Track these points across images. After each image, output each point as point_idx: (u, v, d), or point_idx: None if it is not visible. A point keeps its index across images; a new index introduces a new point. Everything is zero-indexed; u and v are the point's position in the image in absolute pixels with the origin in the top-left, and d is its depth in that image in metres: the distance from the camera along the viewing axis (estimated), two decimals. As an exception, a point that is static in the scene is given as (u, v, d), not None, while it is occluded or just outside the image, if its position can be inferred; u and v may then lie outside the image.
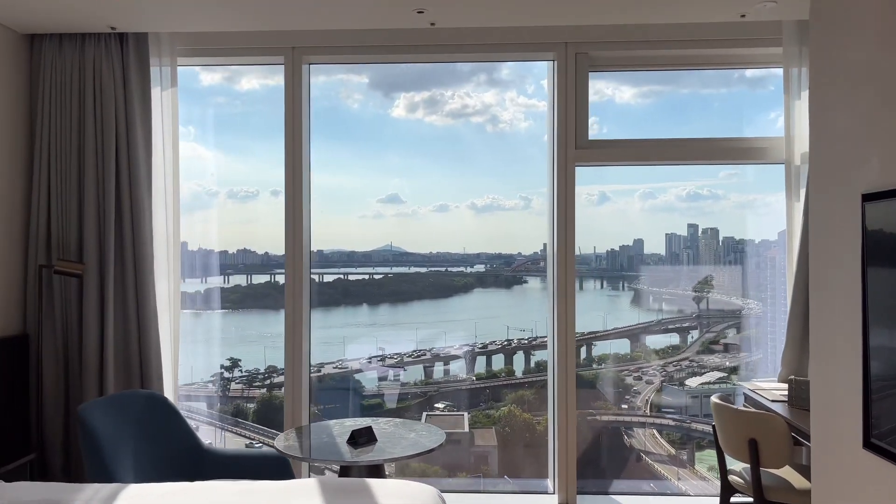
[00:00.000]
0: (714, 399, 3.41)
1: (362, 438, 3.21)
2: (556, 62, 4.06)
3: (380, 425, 3.56)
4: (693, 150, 4.08)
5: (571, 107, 4.00)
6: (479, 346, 5.44)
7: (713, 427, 3.46)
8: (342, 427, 3.53)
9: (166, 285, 4.00)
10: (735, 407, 3.32)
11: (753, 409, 3.41)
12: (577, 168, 4.16)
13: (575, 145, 4.04)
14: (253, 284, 11.77)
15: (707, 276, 4.99)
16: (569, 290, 4.09)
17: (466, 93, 5.12)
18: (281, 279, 12.14)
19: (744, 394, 3.79)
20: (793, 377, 3.36)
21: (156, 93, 3.92)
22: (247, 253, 12.99)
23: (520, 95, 5.01)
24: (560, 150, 4.04)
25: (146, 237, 3.85)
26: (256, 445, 6.74)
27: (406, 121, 5.74)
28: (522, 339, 5.20)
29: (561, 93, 4.01)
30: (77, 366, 3.82)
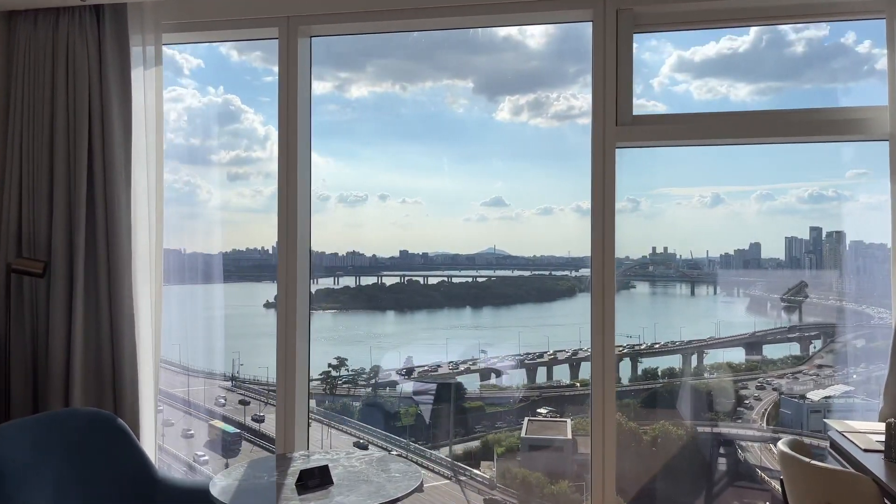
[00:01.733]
0: (781, 447, 2.56)
1: (313, 481, 2.71)
2: (593, 21, 3.27)
3: (352, 461, 3.10)
4: (769, 124, 3.19)
5: (611, 75, 3.17)
6: (584, 351, 5.34)
7: (781, 482, 2.69)
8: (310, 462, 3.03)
9: (148, 287, 3.48)
10: (807, 460, 2.45)
11: (831, 467, 2.52)
12: (625, 152, 3.35)
13: (616, 121, 3.21)
14: (361, 286, 12.06)
15: (831, 283, 4.68)
16: (606, 295, 3.35)
17: (573, 94, 5.04)
18: (388, 280, 12.50)
19: (830, 437, 2.89)
20: (893, 420, 2.46)
21: (137, 74, 3.39)
22: (355, 255, 13.35)
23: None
24: (597, 129, 3.21)
25: (122, 234, 3.35)
26: (362, 443, 6.93)
27: (510, 124, 5.74)
28: (629, 345, 5.07)
29: (598, 58, 3.17)
30: (44, 373, 3.41)
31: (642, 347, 5.07)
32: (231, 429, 9.00)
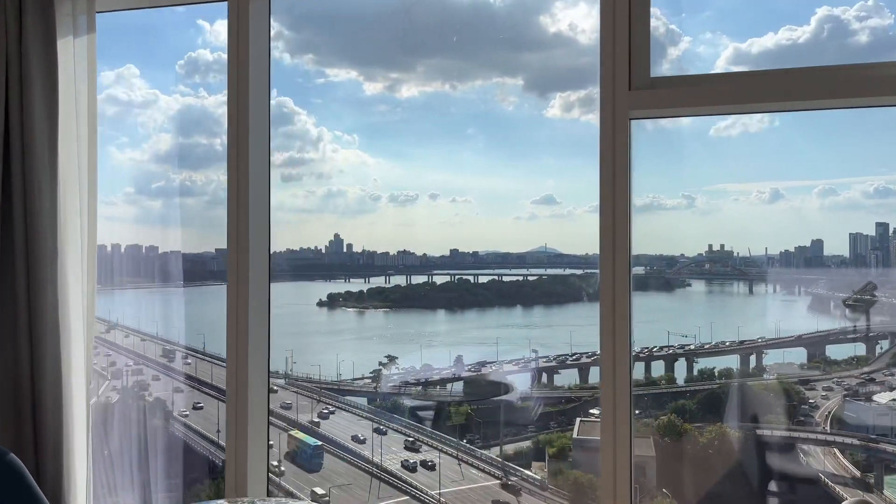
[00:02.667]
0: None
1: None
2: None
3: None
4: (825, 82, 2.47)
5: (622, 22, 2.44)
6: (637, 351, 5.26)
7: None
8: None
9: (79, 290, 2.95)
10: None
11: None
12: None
13: (629, 84, 2.48)
14: (411, 285, 12.12)
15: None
16: (618, 295, 2.60)
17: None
18: (439, 279, 12.52)
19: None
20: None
21: (65, 44, 2.89)
22: (406, 255, 13.42)
23: (682, 89, 4.79)
24: (605, 95, 2.49)
25: (44, 228, 2.84)
26: (415, 445, 6.98)
27: (561, 121, 5.69)
28: (684, 345, 4.96)
29: (607, 8, 2.46)
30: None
31: (698, 347, 4.96)
32: (312, 441, 8.93)
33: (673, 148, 4.91)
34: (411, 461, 9.40)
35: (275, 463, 9.51)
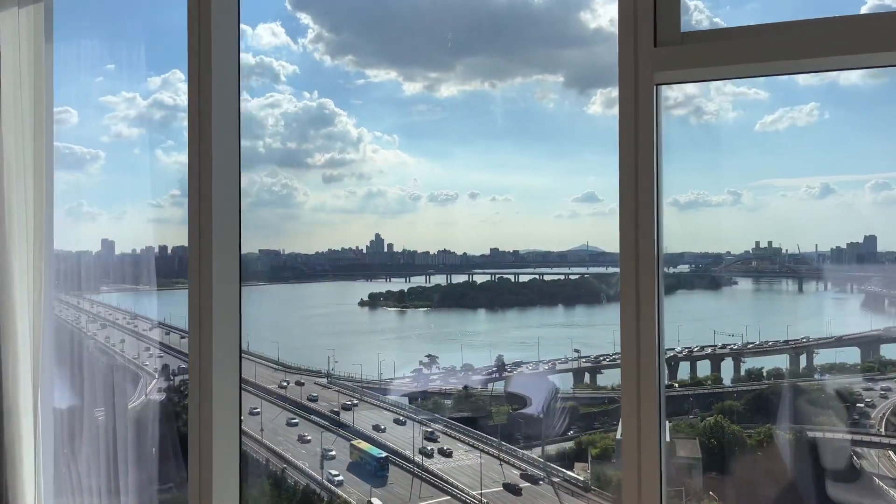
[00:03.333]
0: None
1: None
2: None
3: None
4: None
5: None
6: (682, 350, 5.15)
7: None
8: None
9: (26, 298, 2.63)
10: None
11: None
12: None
13: (654, 40, 1.98)
14: (452, 284, 12.11)
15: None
16: (643, 290, 2.15)
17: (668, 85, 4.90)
18: (479, 278, 12.45)
19: None
20: None
21: (7, 17, 2.53)
22: (446, 254, 13.43)
23: (726, 84, 4.70)
24: (625, 54, 1.98)
25: None
26: (441, 448, 6.97)
27: (602, 117, 5.62)
28: (731, 344, 4.85)
29: None
30: None
31: (744, 346, 4.84)
32: (377, 451, 8.83)
33: (717, 143, 4.80)
34: (446, 460, 9.37)
35: (334, 472, 9.47)
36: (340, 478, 8.27)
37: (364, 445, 8.60)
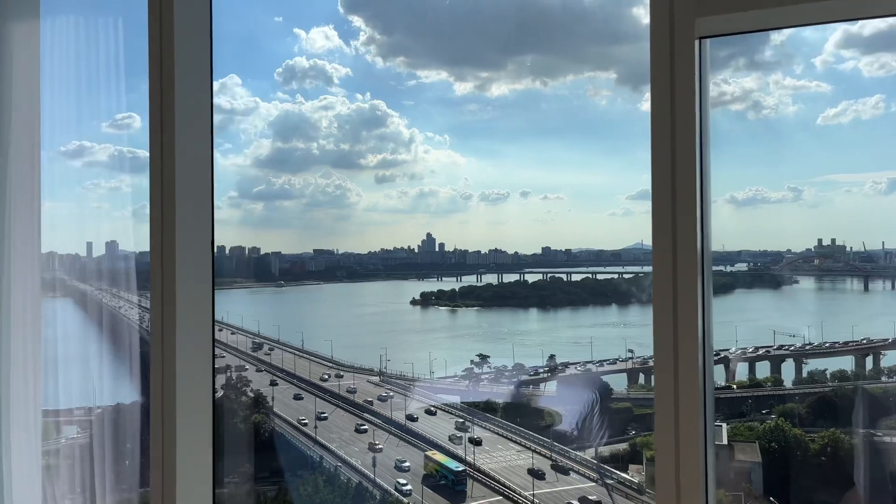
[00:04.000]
0: None
1: None
2: None
3: None
4: None
5: None
6: (740, 351, 5.02)
7: None
8: None
9: (21, 299, 2.57)
10: None
11: None
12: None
13: None
14: (503, 283, 12.08)
15: None
16: (682, 285, 1.60)
17: (723, 79, 4.78)
18: (531, 277, 12.34)
19: None
20: None
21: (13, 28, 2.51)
22: (498, 253, 13.42)
23: (786, 77, 4.57)
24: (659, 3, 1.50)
25: None
26: (495, 450, 6.89)
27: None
28: (791, 345, 4.70)
29: None
30: None
31: (808, 348, 4.69)
32: (454, 464, 8.56)
33: (776, 138, 4.66)
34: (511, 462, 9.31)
35: (402, 481, 9.33)
36: (408, 486, 8.09)
37: (440, 457, 8.37)
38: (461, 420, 7.80)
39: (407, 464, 8.33)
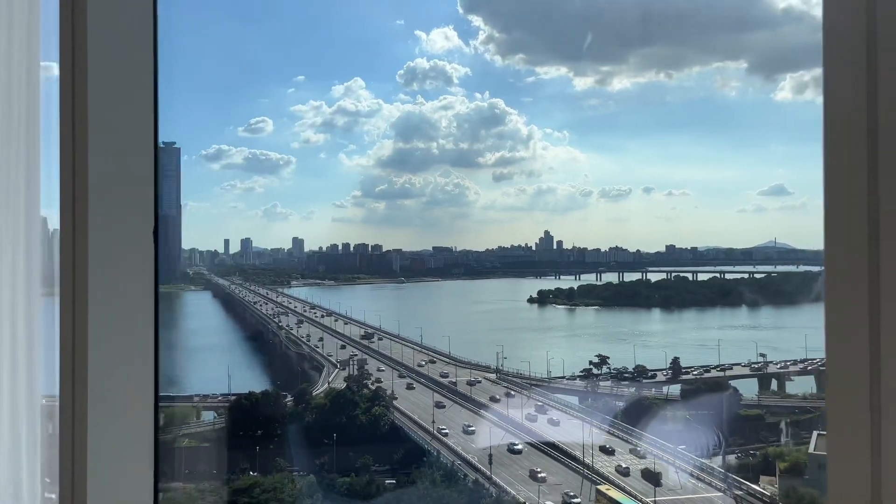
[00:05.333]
0: None
1: None
2: None
3: None
4: None
5: None
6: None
7: None
8: None
9: (9, 298, 2.33)
10: None
11: None
12: None
13: None
14: (624, 282, 11.79)
15: None
16: (849, 274, 1.25)
17: None
18: (653, 276, 11.87)
19: None
20: None
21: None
22: (618, 251, 13.11)
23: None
24: None
25: None
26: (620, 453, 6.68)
27: (792, 104, 5.17)
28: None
29: None
30: None
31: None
32: (631, 502, 8.25)
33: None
34: (624, 465, 9.06)
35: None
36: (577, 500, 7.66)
37: (615, 493, 8.04)
38: (633, 447, 7.32)
39: (577, 500, 7.87)
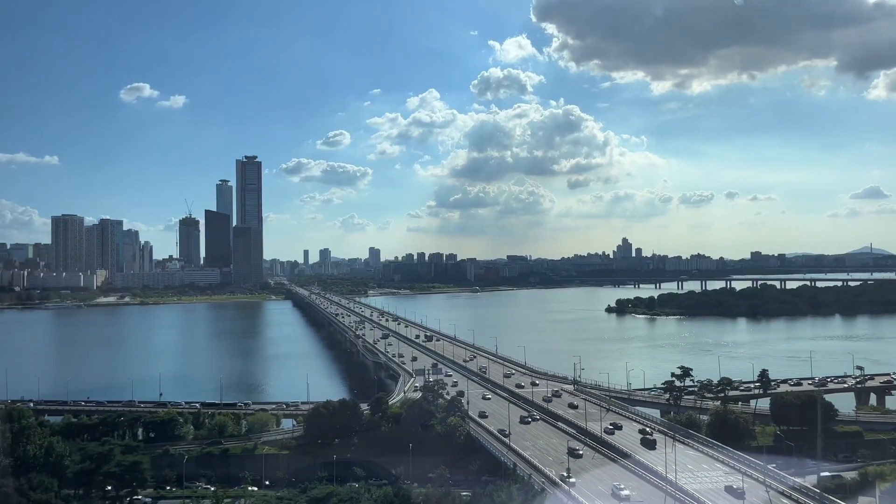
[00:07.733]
0: None
1: None
2: None
3: None
4: None
5: None
6: None
7: None
8: None
9: None
10: None
11: None
12: None
13: None
14: (707, 291, 11.30)
15: None
16: None
17: None
18: (738, 285, 11.39)
19: None
20: None
21: None
22: (700, 258, 12.65)
23: None
24: None
25: None
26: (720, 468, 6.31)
27: (887, 102, 5.02)
28: None
29: None
30: None
31: None
32: None
33: None
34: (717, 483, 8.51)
35: None
36: None
37: None
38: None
39: None
